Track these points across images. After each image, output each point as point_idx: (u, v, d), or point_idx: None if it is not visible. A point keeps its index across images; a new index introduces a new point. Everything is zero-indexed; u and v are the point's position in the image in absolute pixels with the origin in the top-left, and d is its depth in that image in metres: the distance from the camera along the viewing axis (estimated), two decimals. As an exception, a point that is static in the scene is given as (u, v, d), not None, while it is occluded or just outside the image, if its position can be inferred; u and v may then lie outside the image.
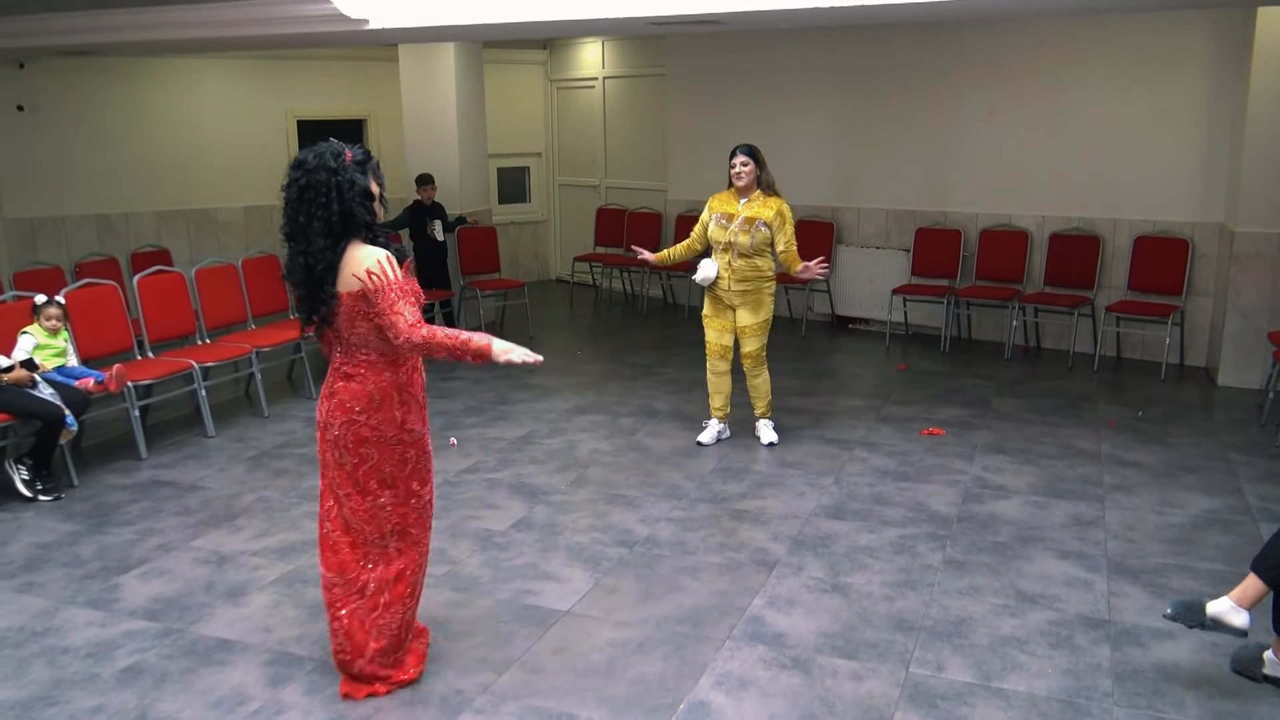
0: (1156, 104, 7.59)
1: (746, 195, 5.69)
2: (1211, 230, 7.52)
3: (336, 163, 3.16)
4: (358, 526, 3.39)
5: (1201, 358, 7.66)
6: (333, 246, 3.15)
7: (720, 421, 6.06)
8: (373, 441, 3.31)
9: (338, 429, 3.31)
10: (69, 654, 3.77)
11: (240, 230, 10.27)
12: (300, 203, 3.16)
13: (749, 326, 5.80)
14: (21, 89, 8.84)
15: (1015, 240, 8.28)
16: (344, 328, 3.24)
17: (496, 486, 5.41)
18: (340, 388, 3.30)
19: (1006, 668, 3.59)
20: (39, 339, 5.56)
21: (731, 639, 3.82)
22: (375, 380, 3.27)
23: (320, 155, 3.17)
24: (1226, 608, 3.31)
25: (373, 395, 3.27)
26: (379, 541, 3.41)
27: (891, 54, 8.57)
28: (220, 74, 10.04)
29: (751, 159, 5.63)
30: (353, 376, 3.28)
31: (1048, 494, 5.21)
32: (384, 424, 3.30)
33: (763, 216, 5.62)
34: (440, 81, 9.23)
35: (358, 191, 3.17)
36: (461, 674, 3.60)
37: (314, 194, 3.14)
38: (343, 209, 3.14)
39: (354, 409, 3.28)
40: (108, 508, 5.22)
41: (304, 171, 3.16)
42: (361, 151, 3.25)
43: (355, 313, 3.19)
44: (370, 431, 3.30)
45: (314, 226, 3.14)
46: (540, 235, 12.05)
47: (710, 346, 5.89)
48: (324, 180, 3.13)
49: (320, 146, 3.21)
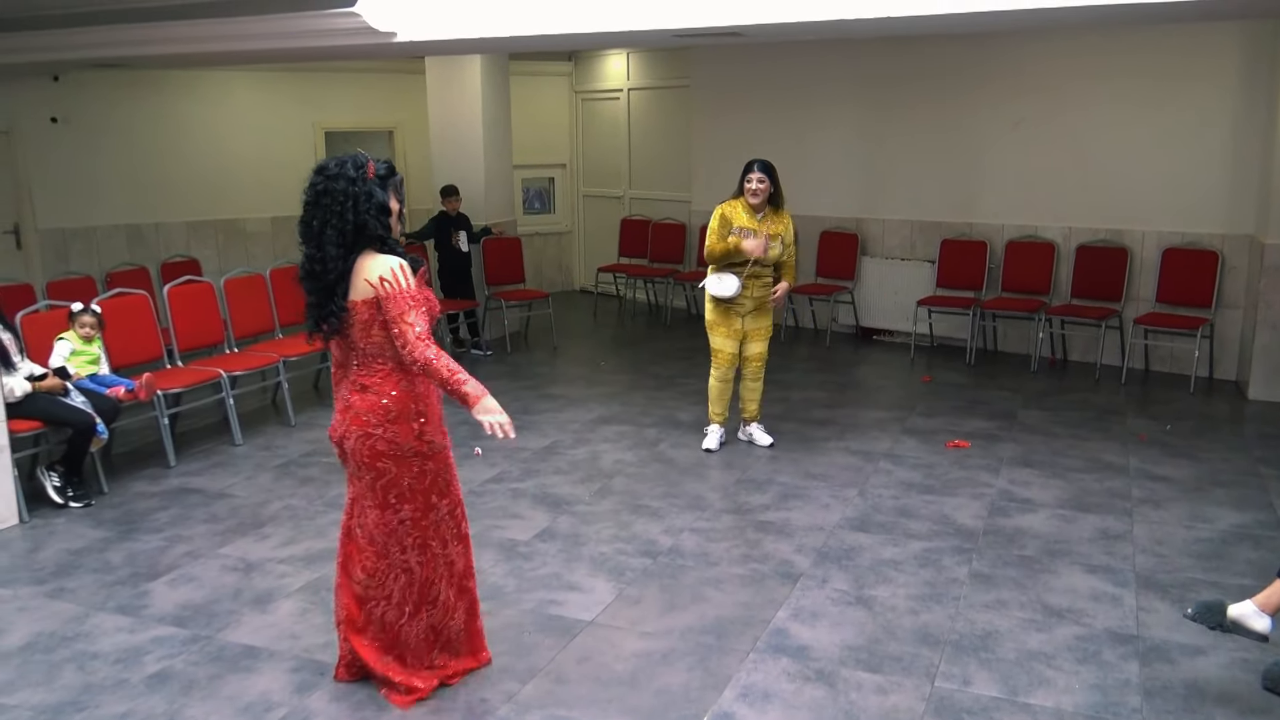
0: (1185, 115, 7.54)
1: (760, 211, 5.78)
2: (1241, 242, 7.44)
3: (357, 173, 3.18)
4: (380, 540, 3.39)
5: (1231, 371, 7.58)
6: (344, 256, 3.17)
7: (722, 427, 6.16)
8: (389, 455, 3.29)
9: (353, 443, 3.29)
10: (98, 659, 3.81)
11: (268, 240, 10.37)
12: (316, 208, 3.18)
13: (757, 329, 5.96)
14: (56, 101, 8.99)
15: (1041, 252, 8.23)
16: (359, 337, 3.23)
17: (520, 496, 5.42)
18: (355, 400, 3.28)
19: (1033, 683, 3.56)
20: (74, 345, 5.65)
21: (755, 651, 3.81)
22: (392, 391, 3.25)
23: (342, 164, 3.19)
24: (1249, 611, 3.26)
25: (389, 408, 3.25)
26: (400, 556, 3.41)
27: (916, 65, 8.56)
28: (249, 86, 10.16)
29: (768, 177, 5.72)
30: (369, 388, 3.26)
31: (1075, 508, 5.16)
32: (400, 436, 3.28)
33: (779, 231, 5.80)
34: (466, 93, 9.30)
35: (374, 204, 3.18)
36: (486, 683, 3.60)
37: (330, 201, 3.15)
38: (356, 220, 3.15)
39: (369, 423, 3.26)
40: (137, 515, 5.28)
41: (324, 178, 3.19)
42: (385, 166, 3.27)
43: (370, 320, 3.20)
44: (386, 445, 3.27)
45: (327, 234, 3.15)
46: (564, 246, 12.09)
47: (722, 355, 5.99)
48: (342, 189, 3.15)
49: (345, 156, 3.23)
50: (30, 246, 8.97)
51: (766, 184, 5.70)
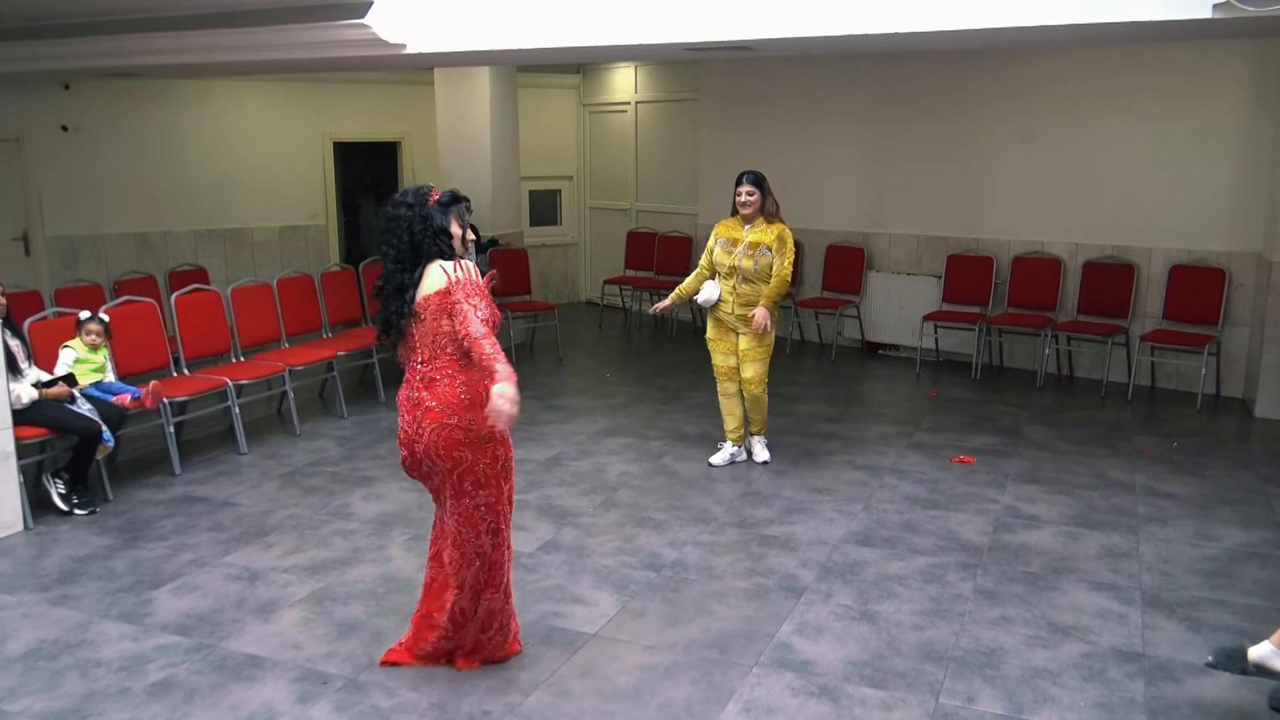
0: (1192, 132, 7.54)
1: (750, 222, 5.76)
2: (1249, 260, 7.44)
3: (416, 199, 3.53)
4: (454, 529, 3.58)
5: (1238, 389, 7.56)
6: (402, 270, 3.50)
7: (735, 444, 6.09)
8: (465, 443, 3.47)
9: (429, 436, 3.46)
10: (101, 667, 3.81)
11: (275, 250, 10.41)
12: (387, 232, 3.56)
13: (750, 351, 5.83)
14: (66, 109, 9.04)
15: (1048, 268, 8.22)
16: (431, 326, 3.46)
17: (525, 508, 5.42)
18: (425, 395, 3.48)
19: (1038, 700, 3.55)
20: (79, 353, 5.65)
21: (759, 665, 3.80)
22: (463, 380, 3.46)
23: (407, 194, 3.57)
24: (1268, 652, 3.24)
25: (461, 397, 3.45)
26: (475, 541, 3.58)
27: (925, 80, 8.58)
28: (258, 96, 10.21)
29: (757, 188, 5.71)
30: (438, 381, 3.47)
31: (1081, 524, 5.15)
32: (475, 423, 3.44)
33: (765, 241, 5.70)
34: (475, 105, 9.33)
35: (430, 227, 3.50)
36: (489, 695, 3.60)
37: (394, 225, 3.53)
38: (413, 241, 3.49)
39: (444, 413, 3.45)
40: (141, 523, 5.28)
41: (391, 205, 3.58)
42: (449, 195, 3.59)
43: (441, 308, 3.44)
44: (462, 434, 3.46)
45: (386, 252, 3.55)
46: (571, 258, 12.11)
47: (717, 370, 5.99)
48: (403, 215, 3.52)
49: (412, 186, 3.63)
50: (39, 253, 9.01)
51: (756, 195, 5.69)
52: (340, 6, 5.85)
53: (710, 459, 6.09)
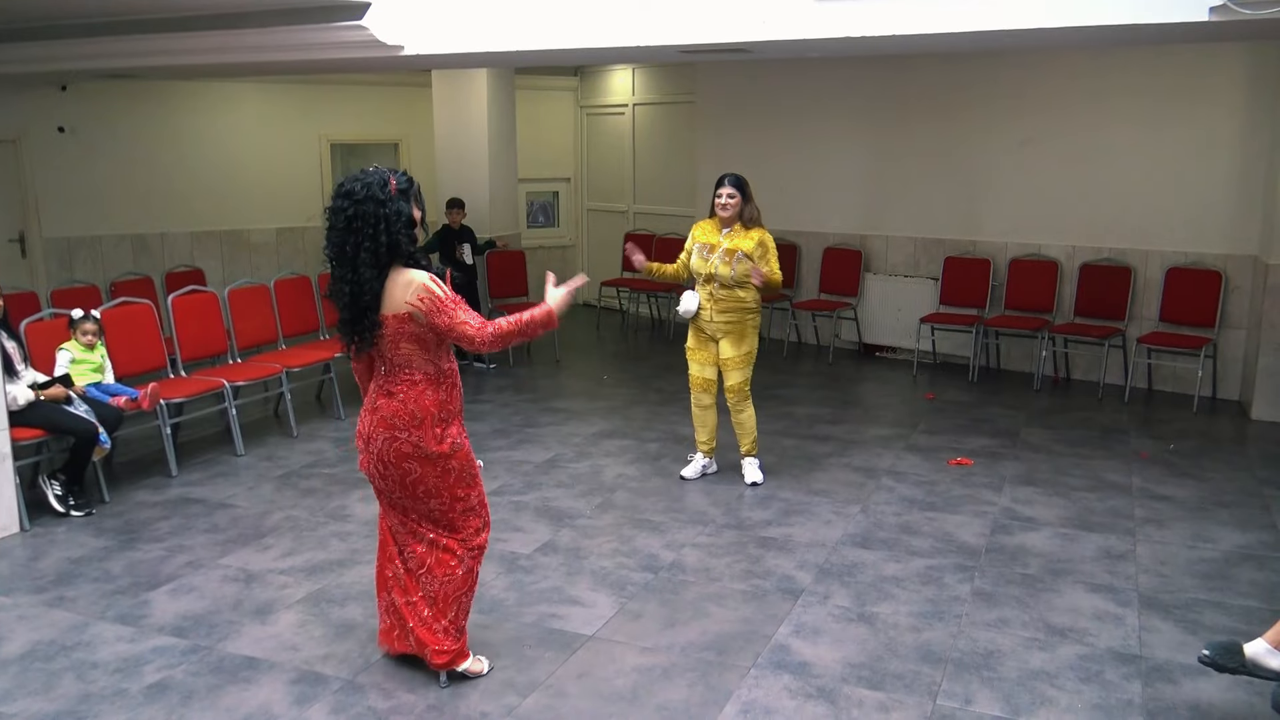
0: (1190, 135, 7.55)
1: (729, 226, 5.52)
2: (1245, 262, 7.45)
3: (384, 194, 3.23)
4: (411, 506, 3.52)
5: (1235, 391, 7.57)
6: (378, 277, 3.25)
7: (705, 456, 5.90)
8: (414, 457, 3.40)
9: (380, 444, 3.41)
10: (98, 669, 3.80)
11: (272, 251, 10.40)
12: (348, 233, 3.24)
13: (732, 359, 5.57)
14: (63, 111, 9.03)
15: (1045, 270, 8.23)
16: (388, 349, 3.34)
17: (522, 509, 5.41)
18: (382, 404, 3.40)
19: (1036, 702, 3.55)
20: (75, 354, 5.65)
21: (756, 667, 3.79)
22: (416, 399, 3.37)
23: (368, 186, 3.23)
24: (1262, 650, 3.24)
25: (413, 413, 3.36)
26: (430, 538, 3.54)
27: (922, 83, 8.59)
28: (256, 98, 10.20)
29: (739, 192, 5.46)
30: (394, 394, 3.38)
31: (1078, 526, 5.15)
32: (424, 441, 3.38)
33: (743, 248, 5.42)
34: (472, 107, 9.33)
35: (404, 222, 3.26)
36: (486, 697, 3.59)
37: (362, 224, 3.21)
38: (390, 240, 3.23)
39: (395, 425, 3.37)
40: (138, 524, 5.27)
41: (352, 202, 3.22)
42: (405, 179, 3.33)
43: (400, 334, 3.29)
44: (411, 448, 3.39)
45: (361, 257, 3.22)
46: (568, 260, 12.11)
47: (693, 380, 5.70)
48: (372, 212, 3.21)
49: (367, 176, 3.27)
50: (35, 255, 8.99)
51: (737, 199, 5.44)
52: (338, 8, 5.85)
53: (682, 472, 5.91)
